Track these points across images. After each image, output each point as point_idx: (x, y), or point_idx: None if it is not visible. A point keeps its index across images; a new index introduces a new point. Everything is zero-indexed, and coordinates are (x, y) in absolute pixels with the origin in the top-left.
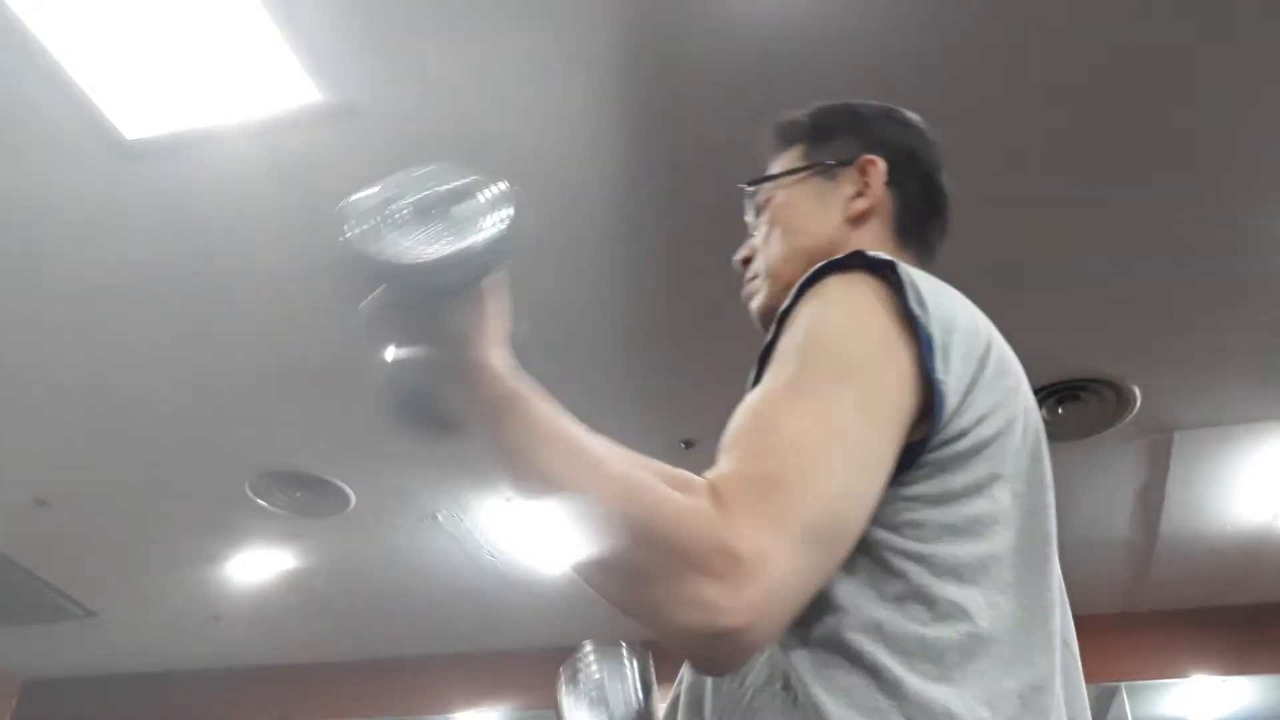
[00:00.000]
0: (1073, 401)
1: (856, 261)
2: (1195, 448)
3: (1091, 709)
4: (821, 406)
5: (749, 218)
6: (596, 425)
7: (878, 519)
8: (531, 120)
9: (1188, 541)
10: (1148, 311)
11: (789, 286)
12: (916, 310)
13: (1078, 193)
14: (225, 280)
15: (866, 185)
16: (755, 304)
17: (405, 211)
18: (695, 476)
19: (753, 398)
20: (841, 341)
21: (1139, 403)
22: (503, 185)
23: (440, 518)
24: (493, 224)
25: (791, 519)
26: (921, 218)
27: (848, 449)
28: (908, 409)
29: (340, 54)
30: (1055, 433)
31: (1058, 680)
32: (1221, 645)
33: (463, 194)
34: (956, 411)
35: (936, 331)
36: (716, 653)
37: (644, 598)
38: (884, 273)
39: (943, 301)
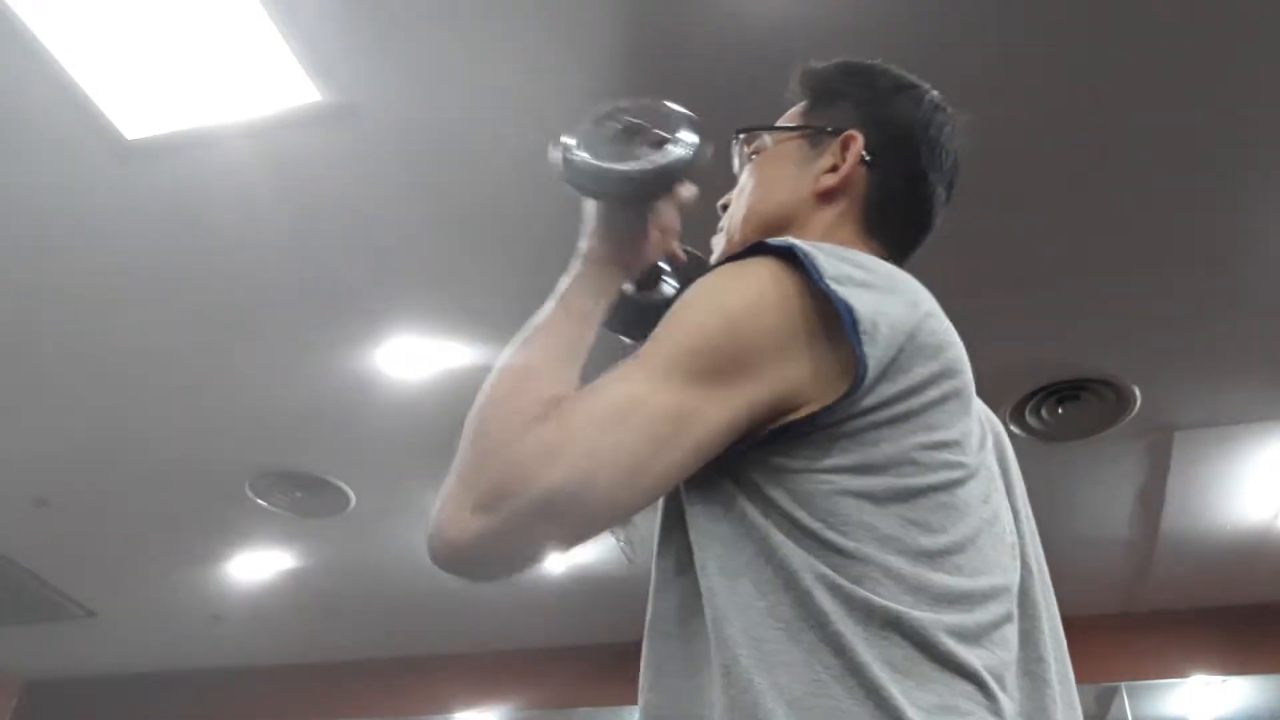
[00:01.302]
0: (1073, 401)
1: (756, 249)
2: (1195, 448)
3: (1091, 709)
4: (644, 383)
5: (735, 166)
6: None
7: (788, 490)
8: (531, 120)
9: (1188, 541)
10: (1148, 311)
11: (738, 248)
12: (829, 285)
13: (1078, 194)
14: (225, 280)
15: (844, 160)
16: (712, 257)
17: (613, 129)
18: (549, 402)
19: (618, 364)
20: (695, 320)
21: (1139, 403)
22: (690, 117)
23: None
24: (667, 157)
25: (548, 479)
26: (896, 210)
27: (640, 431)
28: (786, 384)
29: (340, 54)
30: (1055, 433)
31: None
32: (1221, 645)
33: (657, 130)
34: (877, 383)
35: (857, 305)
36: (436, 555)
37: (457, 457)
38: (785, 255)
39: (858, 274)
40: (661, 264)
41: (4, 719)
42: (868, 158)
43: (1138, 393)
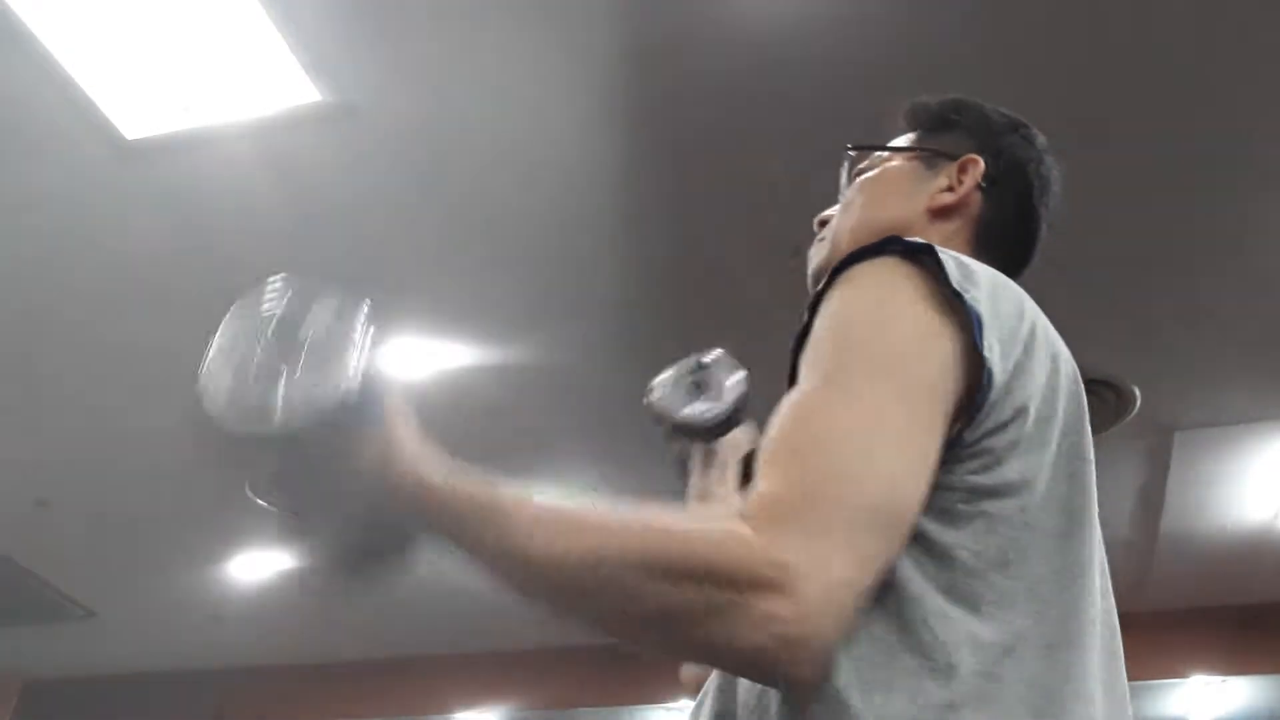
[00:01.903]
0: None
1: (890, 246)
2: (1195, 448)
3: None
4: (854, 399)
5: (842, 182)
6: (597, 422)
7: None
8: (531, 120)
9: (1188, 541)
10: (1148, 312)
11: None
12: (961, 288)
13: (1078, 194)
14: (225, 280)
15: (960, 182)
16: (814, 262)
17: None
18: (722, 510)
19: (787, 401)
20: (872, 330)
21: (1139, 403)
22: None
23: None
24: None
25: (835, 515)
26: (1007, 234)
27: (886, 438)
28: (951, 394)
29: (340, 54)
30: None
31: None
32: (1221, 645)
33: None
34: (1006, 391)
35: (984, 312)
36: (793, 664)
37: (702, 637)
38: (919, 257)
39: (984, 281)
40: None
41: (4, 719)
42: (983, 184)
43: (1138, 393)
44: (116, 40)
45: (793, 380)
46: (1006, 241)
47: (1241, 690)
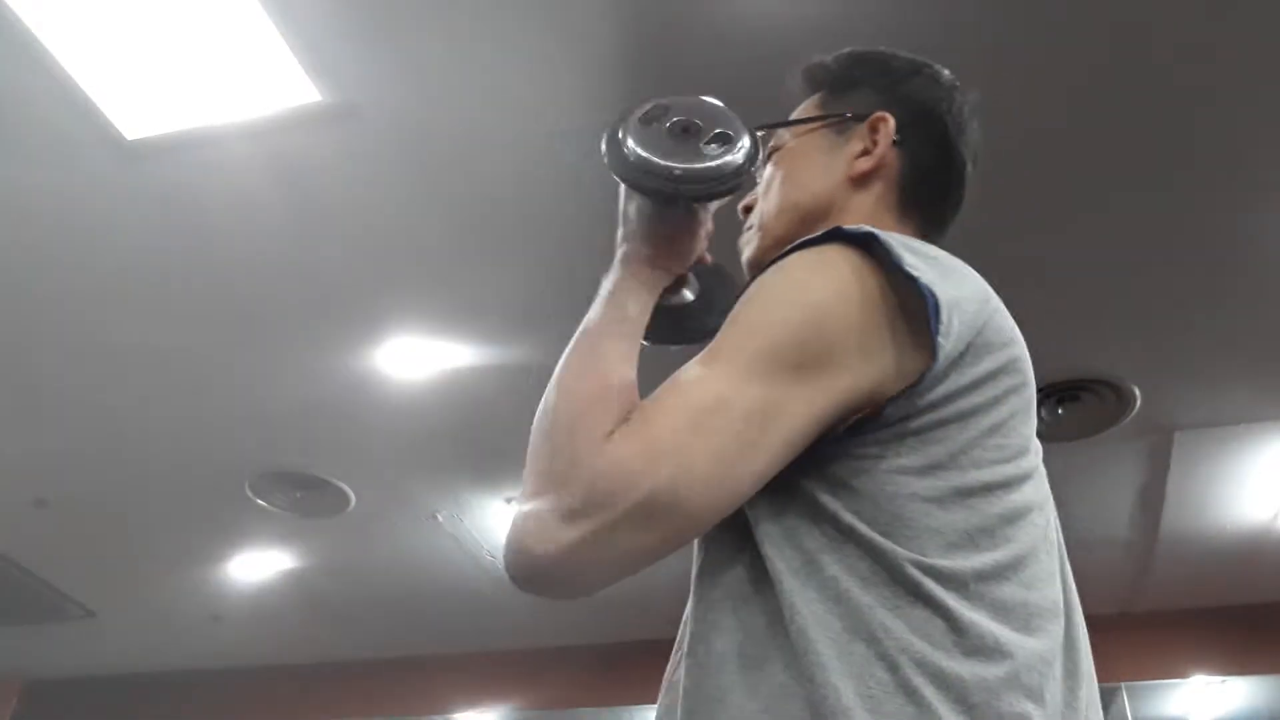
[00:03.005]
0: (1073, 401)
1: (832, 236)
2: (1195, 448)
3: None
4: (729, 380)
5: (758, 165)
6: None
7: (853, 493)
8: (531, 120)
9: (1188, 541)
10: (1148, 311)
11: (778, 241)
12: (911, 270)
13: (1078, 193)
14: (225, 279)
15: (874, 143)
16: (745, 255)
17: (667, 126)
18: (627, 408)
19: (683, 366)
20: (775, 315)
21: (1139, 403)
22: (737, 117)
23: (440, 518)
24: (723, 160)
25: (643, 486)
26: (931, 186)
27: (729, 431)
28: (869, 379)
29: (340, 54)
30: (1055, 433)
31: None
32: (1221, 645)
33: (715, 128)
34: (946, 375)
35: (939, 291)
36: (522, 574)
37: (525, 479)
38: (863, 242)
39: (934, 262)
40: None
41: (4, 719)
42: (897, 138)
43: (1138, 393)
44: (116, 40)
45: None
46: (934, 189)
47: (1241, 690)
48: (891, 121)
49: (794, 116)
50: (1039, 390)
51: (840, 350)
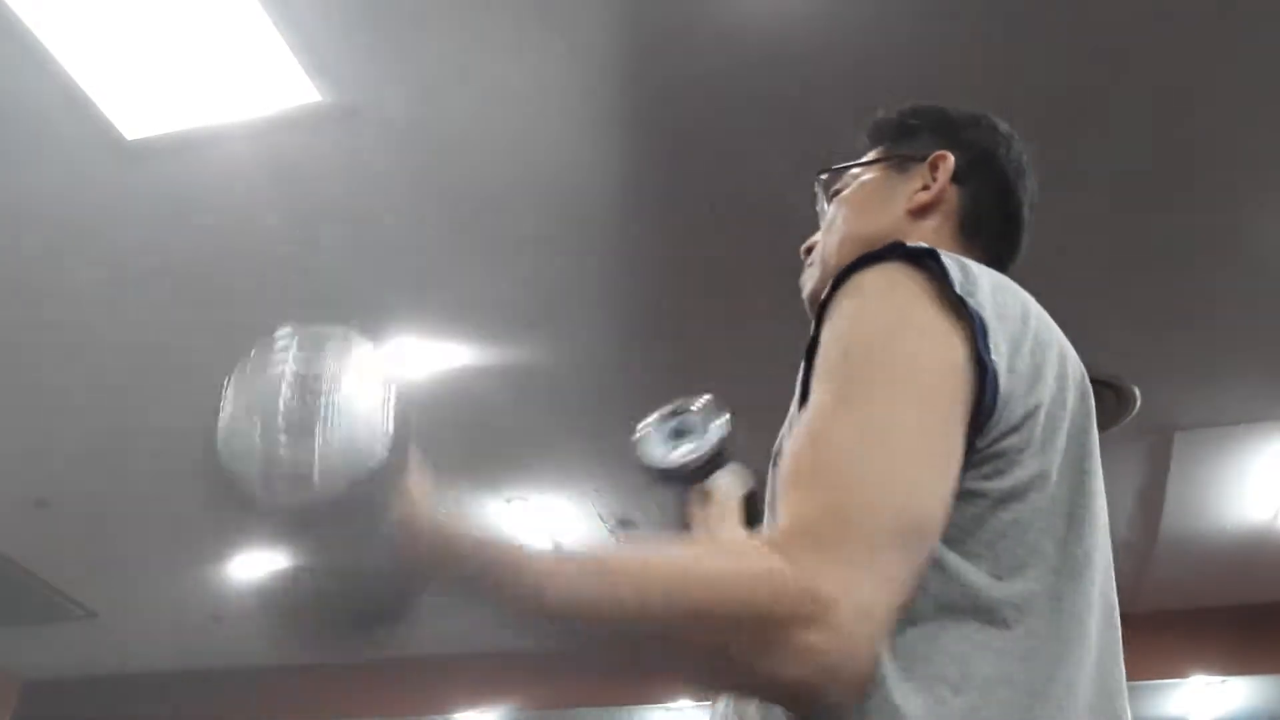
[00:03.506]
0: None
1: (893, 252)
2: (1195, 448)
3: None
4: (873, 413)
5: (820, 207)
6: (597, 421)
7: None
8: (531, 120)
9: (1188, 541)
10: (1148, 311)
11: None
12: (965, 292)
13: (1078, 193)
14: (225, 279)
15: (934, 179)
16: (807, 289)
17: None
18: (749, 541)
19: (805, 421)
20: (883, 339)
21: (1139, 403)
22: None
23: None
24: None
25: (863, 537)
26: (990, 223)
27: (906, 452)
28: (964, 399)
29: (340, 54)
30: None
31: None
32: (1221, 645)
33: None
34: (1014, 394)
35: (988, 315)
36: (836, 692)
37: (745, 675)
38: (924, 261)
39: (986, 285)
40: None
41: (4, 719)
42: (957, 174)
43: (1137, 393)
44: (116, 40)
45: (804, 395)
46: (991, 230)
47: (1241, 690)
48: (951, 158)
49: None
50: None
51: (945, 369)
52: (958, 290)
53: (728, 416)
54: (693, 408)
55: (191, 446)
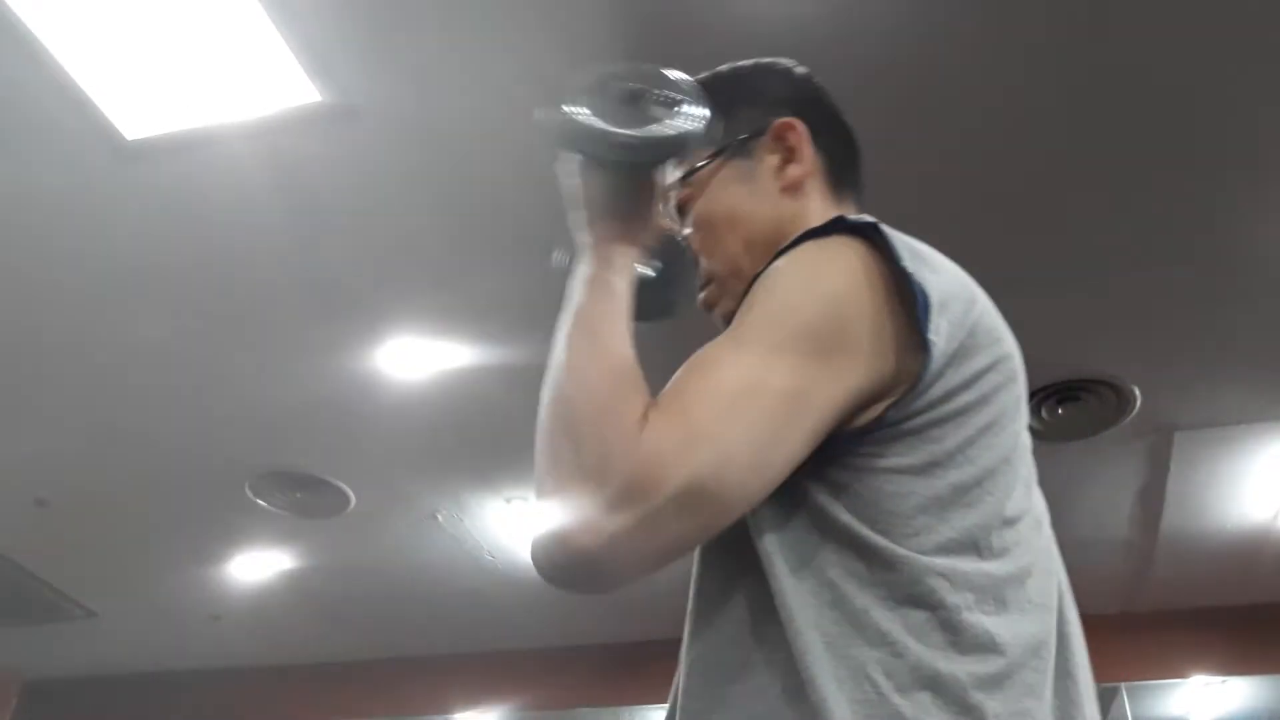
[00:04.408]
0: (1073, 401)
1: (836, 227)
2: (1195, 448)
3: None
4: (756, 364)
5: (669, 220)
6: None
7: (851, 493)
8: (531, 120)
9: (1188, 541)
10: (1148, 311)
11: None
12: (909, 267)
13: (1077, 193)
14: (225, 280)
15: (791, 150)
16: (724, 309)
17: (616, 93)
18: (647, 400)
19: (706, 346)
20: (795, 300)
21: (1139, 403)
22: (688, 80)
23: (440, 518)
24: (681, 122)
25: (685, 472)
26: (846, 165)
27: (764, 416)
28: (877, 372)
29: (340, 54)
30: (1055, 433)
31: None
32: (1221, 645)
33: (664, 92)
34: (942, 373)
35: (931, 293)
36: (564, 567)
37: (548, 476)
38: (867, 234)
39: (926, 259)
40: None
41: (4, 719)
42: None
43: (1138, 393)
44: (116, 40)
45: None
46: (850, 171)
47: (1241, 690)
48: (800, 124)
49: (680, 171)
50: (1040, 390)
51: (856, 340)
52: (902, 264)
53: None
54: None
55: (191, 446)
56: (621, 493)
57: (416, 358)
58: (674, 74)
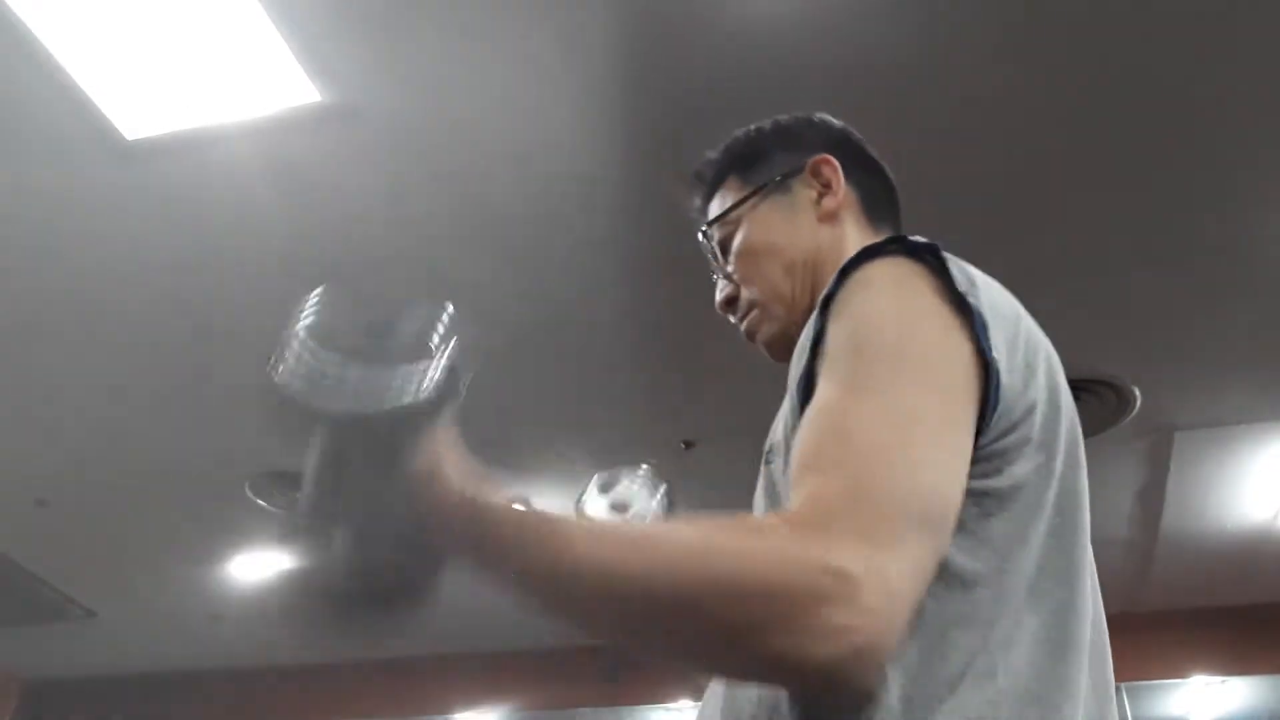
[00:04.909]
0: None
1: (896, 245)
2: (1195, 448)
3: None
4: (889, 399)
5: (713, 263)
6: (598, 425)
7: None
8: (531, 120)
9: (1188, 541)
10: (1148, 311)
11: (794, 304)
12: (966, 290)
13: (1078, 194)
14: (225, 280)
15: (825, 184)
16: (766, 334)
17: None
18: (767, 517)
19: (816, 407)
20: (897, 328)
21: (1139, 403)
22: (437, 312)
23: None
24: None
25: (887, 518)
26: (882, 200)
27: (926, 435)
28: (974, 394)
29: (340, 54)
30: None
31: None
32: (1221, 645)
33: (394, 325)
34: (1014, 391)
35: (986, 313)
36: (859, 672)
37: (763, 653)
38: (924, 257)
39: (983, 284)
40: None
41: (4, 719)
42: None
43: (1138, 393)
44: (116, 40)
45: (807, 390)
46: (886, 207)
47: (1241, 690)
48: (834, 160)
49: (714, 213)
50: None
51: (950, 361)
52: (959, 287)
53: (665, 487)
54: (631, 478)
55: (191, 446)
56: (846, 582)
57: None
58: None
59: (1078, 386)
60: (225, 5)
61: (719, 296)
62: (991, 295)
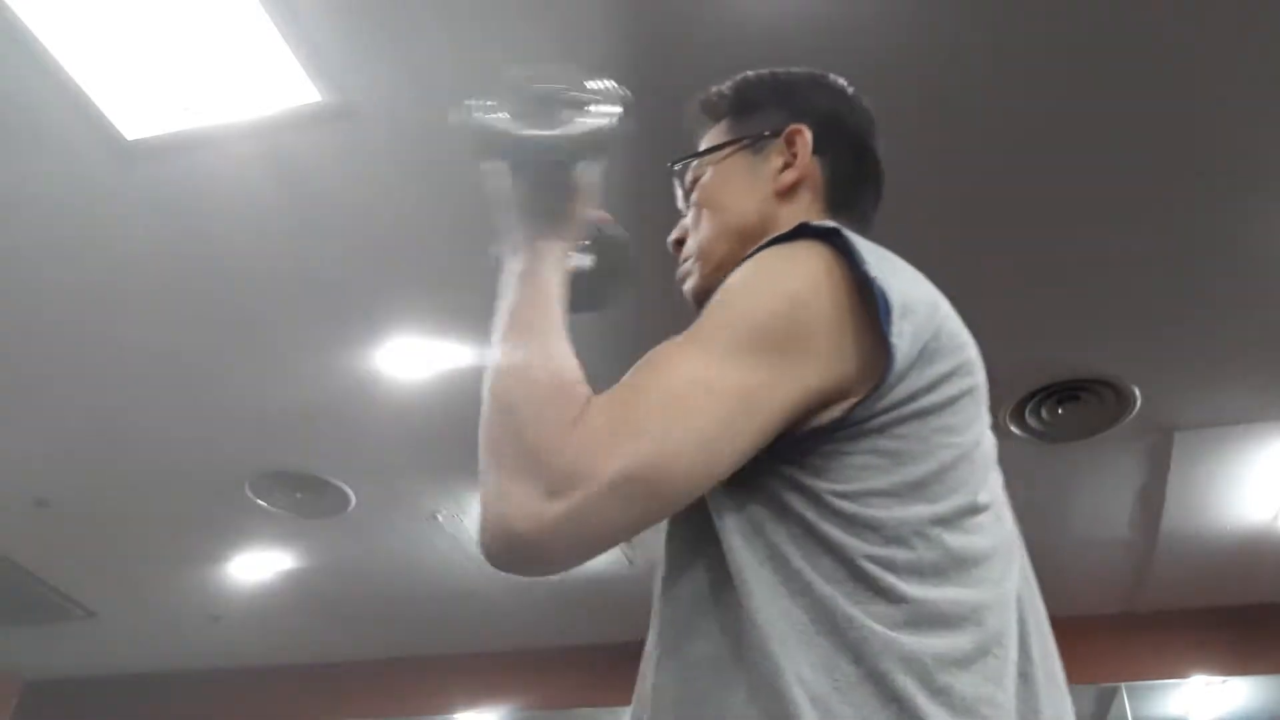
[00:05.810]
0: (1073, 401)
1: (800, 233)
2: (1195, 448)
3: (1091, 709)
4: (707, 363)
5: (679, 197)
6: None
7: (823, 481)
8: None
9: (1188, 541)
10: (1148, 311)
11: (720, 266)
12: (872, 272)
13: (1077, 194)
14: (225, 280)
15: (794, 156)
16: (688, 286)
17: (529, 95)
18: (588, 393)
19: (659, 346)
20: (753, 301)
21: (1139, 403)
22: (615, 90)
23: (440, 518)
24: (592, 120)
25: (623, 462)
26: (853, 187)
27: (709, 412)
28: (836, 373)
29: (340, 54)
30: (1055, 433)
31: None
32: (1221, 645)
33: (576, 92)
34: (905, 375)
35: (893, 296)
36: (504, 551)
37: (490, 469)
38: (831, 239)
39: (890, 266)
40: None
41: (4, 719)
42: (814, 146)
43: (1138, 393)
44: (116, 40)
45: None
46: (856, 190)
47: (1241, 690)
48: (808, 132)
49: (703, 146)
50: (1040, 390)
51: (813, 341)
52: (864, 268)
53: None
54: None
55: (191, 446)
56: (559, 480)
57: (416, 358)
58: (588, 75)
59: (1078, 386)
60: (225, 5)
61: (673, 234)
62: (904, 281)
